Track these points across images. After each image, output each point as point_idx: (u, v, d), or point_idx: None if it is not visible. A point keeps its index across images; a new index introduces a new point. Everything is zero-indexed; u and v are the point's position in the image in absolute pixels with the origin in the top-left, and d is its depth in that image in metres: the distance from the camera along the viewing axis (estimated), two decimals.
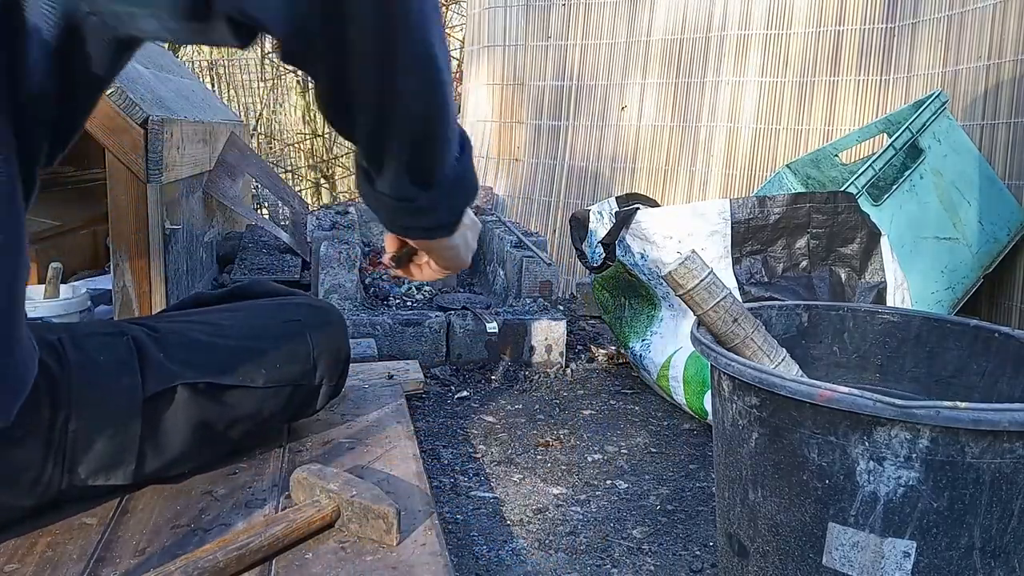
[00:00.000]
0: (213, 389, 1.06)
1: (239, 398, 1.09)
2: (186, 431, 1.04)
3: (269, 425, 1.18)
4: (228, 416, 1.09)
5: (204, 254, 2.78)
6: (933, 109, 1.83)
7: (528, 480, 1.45)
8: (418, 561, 0.96)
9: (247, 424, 1.12)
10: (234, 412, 1.09)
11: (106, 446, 0.98)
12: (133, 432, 1.00)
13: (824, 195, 1.65)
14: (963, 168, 1.89)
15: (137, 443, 1.00)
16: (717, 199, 1.67)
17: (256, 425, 1.14)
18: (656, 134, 2.96)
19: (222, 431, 1.09)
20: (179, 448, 1.05)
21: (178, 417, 1.03)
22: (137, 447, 1.01)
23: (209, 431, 1.07)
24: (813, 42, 2.61)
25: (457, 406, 1.83)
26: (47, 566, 0.94)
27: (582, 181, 3.17)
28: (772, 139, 2.70)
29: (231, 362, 1.08)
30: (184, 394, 1.03)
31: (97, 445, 0.97)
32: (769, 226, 1.65)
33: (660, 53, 2.95)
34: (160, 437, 1.03)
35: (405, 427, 1.41)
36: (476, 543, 1.21)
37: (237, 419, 1.10)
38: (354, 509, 1.01)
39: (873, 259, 1.63)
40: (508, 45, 3.36)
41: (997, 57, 2.06)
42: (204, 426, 1.06)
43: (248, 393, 1.10)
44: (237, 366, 1.09)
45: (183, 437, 1.04)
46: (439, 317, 2.06)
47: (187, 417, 1.04)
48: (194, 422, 1.05)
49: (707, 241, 1.65)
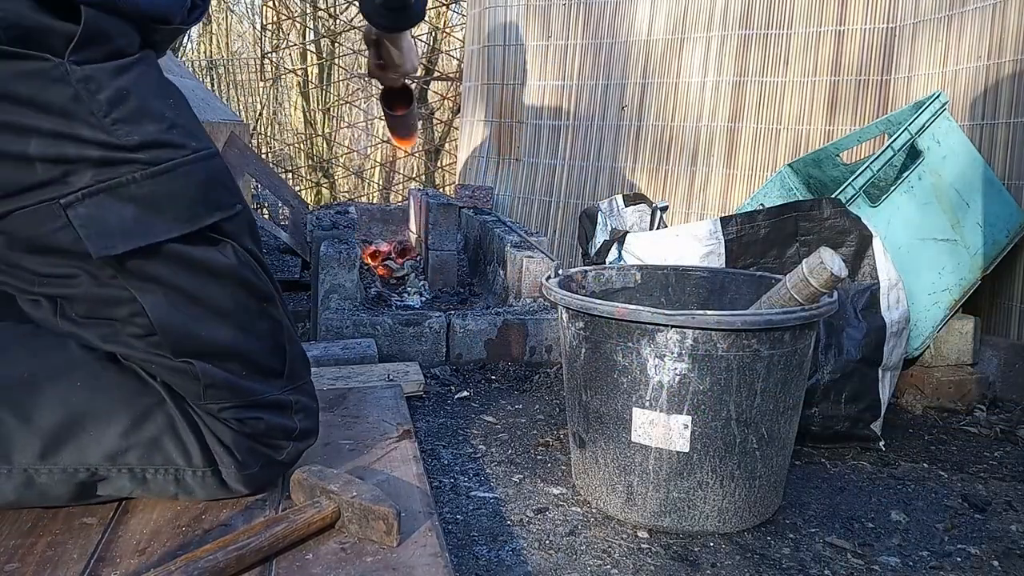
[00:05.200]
0: None
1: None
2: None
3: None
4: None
5: None
6: (933, 110, 1.83)
7: (528, 480, 1.45)
8: (418, 562, 0.96)
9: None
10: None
11: None
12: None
13: (809, 203, 1.67)
14: (962, 169, 1.89)
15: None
16: (706, 220, 1.70)
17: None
18: (656, 134, 2.96)
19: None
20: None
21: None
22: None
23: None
24: (814, 42, 2.61)
25: (457, 406, 1.83)
26: (47, 565, 0.94)
27: (582, 181, 3.17)
28: (773, 139, 2.70)
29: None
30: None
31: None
32: (760, 239, 1.67)
33: (660, 53, 2.95)
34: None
35: (405, 428, 1.41)
36: (476, 543, 1.22)
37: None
38: (354, 510, 1.02)
39: (865, 261, 1.64)
40: (508, 45, 3.36)
41: (997, 57, 2.06)
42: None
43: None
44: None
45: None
46: (439, 317, 2.07)
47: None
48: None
49: (704, 261, 1.67)
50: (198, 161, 1.00)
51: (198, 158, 1.00)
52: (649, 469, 1.25)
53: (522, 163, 3.36)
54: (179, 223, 0.99)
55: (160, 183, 0.97)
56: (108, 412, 1.04)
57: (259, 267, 1.08)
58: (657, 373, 1.22)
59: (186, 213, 0.99)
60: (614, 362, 1.25)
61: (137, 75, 0.97)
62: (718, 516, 1.26)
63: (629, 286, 1.58)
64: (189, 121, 1.03)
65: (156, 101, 0.98)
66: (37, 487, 1.04)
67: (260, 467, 1.10)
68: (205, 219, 1.01)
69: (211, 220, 1.01)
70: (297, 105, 6.97)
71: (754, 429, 1.23)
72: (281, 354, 1.11)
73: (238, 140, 2.97)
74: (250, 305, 1.07)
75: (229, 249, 1.04)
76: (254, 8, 8.06)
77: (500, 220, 2.85)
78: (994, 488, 1.48)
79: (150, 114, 0.97)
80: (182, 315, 1.01)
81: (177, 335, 1.01)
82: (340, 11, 6.49)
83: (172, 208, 0.98)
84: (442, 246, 2.68)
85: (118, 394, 1.05)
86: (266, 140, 7.02)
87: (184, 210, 0.99)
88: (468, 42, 3.76)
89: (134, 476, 1.06)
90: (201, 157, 1.01)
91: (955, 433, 1.76)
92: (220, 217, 1.03)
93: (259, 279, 1.08)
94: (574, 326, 1.32)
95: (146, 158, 0.96)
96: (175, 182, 0.98)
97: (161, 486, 1.07)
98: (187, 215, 0.99)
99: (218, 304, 1.04)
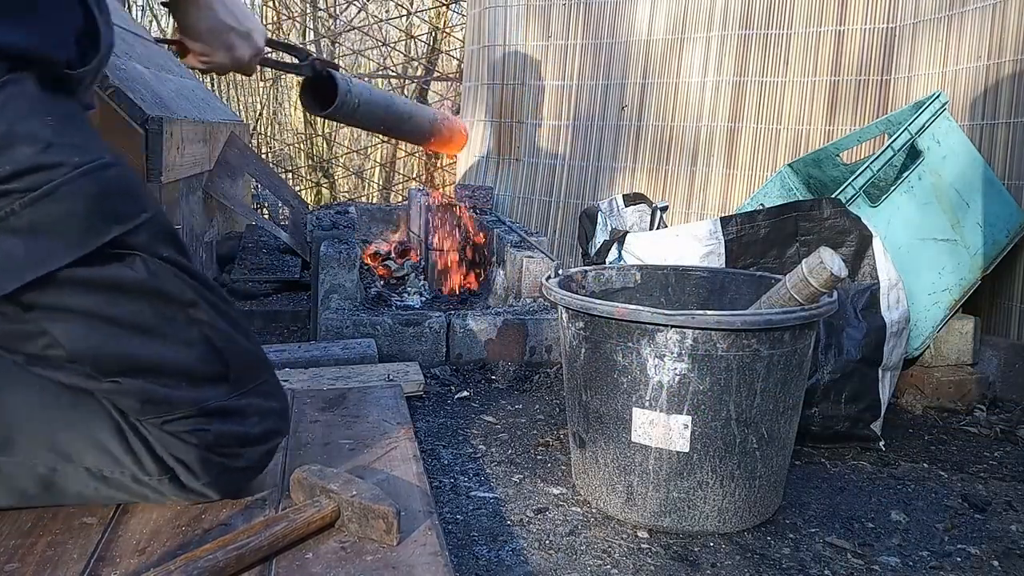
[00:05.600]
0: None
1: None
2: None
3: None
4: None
5: (204, 254, 2.78)
6: (933, 110, 1.83)
7: (528, 480, 1.45)
8: (418, 561, 0.96)
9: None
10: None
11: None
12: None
13: (809, 203, 1.67)
14: (962, 169, 1.89)
15: None
16: (706, 220, 1.70)
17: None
18: (656, 134, 2.96)
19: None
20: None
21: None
22: None
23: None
24: (813, 42, 2.61)
25: (457, 406, 1.83)
26: (47, 565, 0.94)
27: (582, 181, 3.17)
28: (773, 139, 2.70)
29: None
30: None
31: None
32: (760, 239, 1.67)
33: (660, 53, 2.95)
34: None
35: (405, 428, 1.41)
36: (476, 543, 1.22)
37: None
38: (354, 509, 1.02)
39: (865, 261, 1.64)
40: (508, 45, 3.36)
41: (997, 57, 2.06)
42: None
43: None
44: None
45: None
46: (439, 317, 2.07)
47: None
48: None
49: (704, 261, 1.67)
50: (85, 176, 0.94)
51: (83, 173, 0.94)
52: (649, 469, 1.25)
53: (522, 163, 3.36)
54: (71, 247, 0.93)
55: (41, 209, 0.91)
56: (57, 421, 1.03)
57: (180, 273, 1.03)
58: (657, 373, 1.22)
59: (77, 235, 0.94)
60: (614, 362, 1.25)
61: (4, 100, 0.91)
62: (718, 516, 1.26)
63: (629, 286, 1.58)
64: (75, 136, 0.96)
65: (29, 122, 0.92)
66: (4, 477, 1.04)
67: (217, 475, 1.07)
68: (102, 236, 0.95)
69: (109, 236, 0.96)
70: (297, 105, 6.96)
71: (754, 429, 1.24)
72: (218, 359, 1.05)
73: (238, 140, 2.98)
74: (172, 315, 1.02)
75: (138, 262, 0.99)
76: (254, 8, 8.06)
77: (500, 220, 2.85)
78: (994, 488, 1.48)
79: (21, 138, 0.91)
80: (98, 338, 0.98)
81: (96, 359, 0.98)
82: (340, 11, 6.49)
83: (61, 233, 0.93)
84: (442, 246, 2.68)
85: (65, 407, 1.03)
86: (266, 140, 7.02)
87: (75, 232, 0.94)
88: (468, 42, 3.76)
89: (93, 475, 1.05)
90: (87, 171, 0.94)
91: (955, 433, 1.76)
92: (120, 231, 0.96)
93: (177, 287, 1.02)
94: (574, 326, 1.32)
95: (22, 186, 0.90)
96: (58, 205, 0.92)
97: (122, 486, 1.06)
98: (79, 237, 0.94)
99: (135, 321, 0.99)
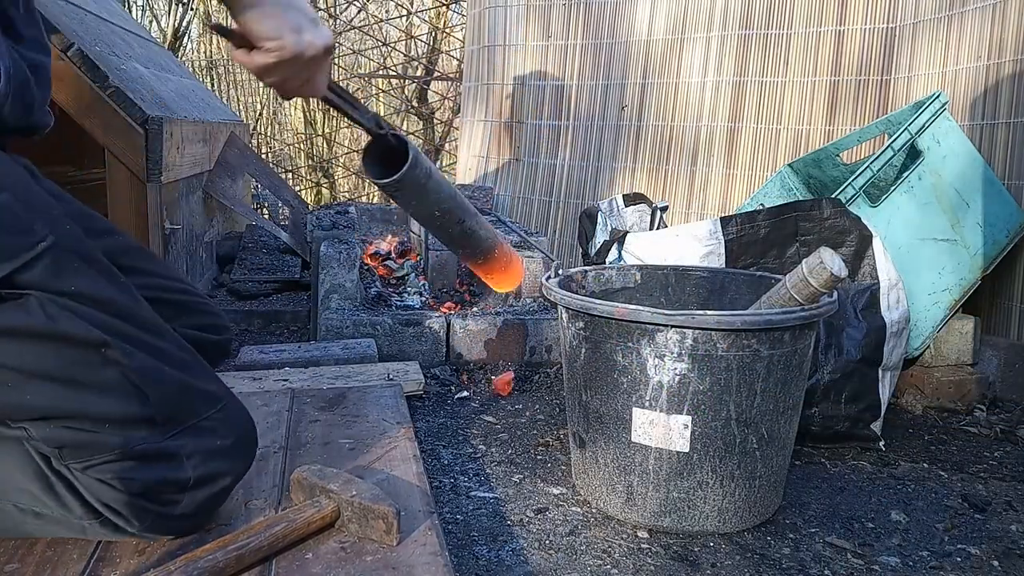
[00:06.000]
0: None
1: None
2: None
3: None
4: None
5: (204, 254, 2.78)
6: (933, 110, 1.83)
7: (528, 480, 1.45)
8: (418, 561, 0.97)
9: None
10: None
11: None
12: None
13: (809, 203, 1.67)
14: (962, 169, 1.89)
15: None
16: (706, 220, 1.70)
17: None
18: (656, 134, 2.96)
19: None
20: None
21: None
22: None
23: None
24: (813, 42, 2.61)
25: (457, 406, 1.83)
26: (47, 565, 0.95)
27: (582, 181, 3.17)
28: (773, 139, 2.70)
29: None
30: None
31: None
32: (760, 239, 1.67)
33: (660, 53, 2.95)
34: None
35: (405, 428, 1.41)
36: (476, 543, 1.22)
37: None
38: (354, 509, 1.02)
39: (865, 261, 1.64)
40: (508, 45, 3.36)
41: (997, 57, 2.06)
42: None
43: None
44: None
45: None
46: (439, 317, 2.07)
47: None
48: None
49: (704, 261, 1.67)
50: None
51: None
52: (649, 469, 1.25)
53: (522, 163, 3.36)
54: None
55: None
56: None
57: (88, 309, 0.93)
58: (657, 373, 1.22)
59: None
60: (614, 362, 1.25)
61: None
62: (718, 516, 1.26)
63: (629, 286, 1.58)
64: None
65: None
66: None
67: (153, 522, 0.98)
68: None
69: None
70: (297, 105, 6.96)
71: (754, 429, 1.24)
72: (141, 400, 0.95)
73: (238, 140, 2.98)
74: (80, 359, 0.92)
75: (33, 304, 0.89)
76: None
77: (500, 220, 2.85)
78: (994, 488, 1.48)
79: None
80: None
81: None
82: (340, 11, 6.49)
83: None
84: (442, 246, 2.67)
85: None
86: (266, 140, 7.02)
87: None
88: (468, 42, 3.76)
89: (24, 511, 0.98)
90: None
91: (955, 433, 1.76)
92: (8, 270, 0.87)
93: (82, 329, 0.92)
94: (574, 326, 1.32)
95: None
96: None
97: (57, 523, 0.99)
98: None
99: (36, 368, 0.91)
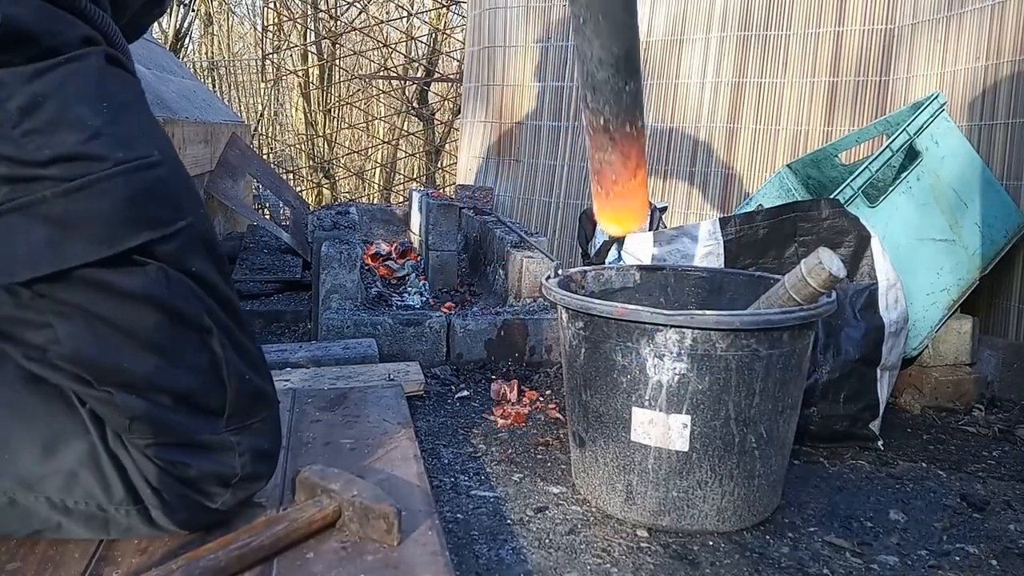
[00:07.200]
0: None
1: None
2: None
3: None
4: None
5: None
6: (931, 111, 1.84)
7: (528, 479, 1.45)
8: (419, 560, 0.97)
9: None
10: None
11: None
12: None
13: (807, 203, 1.67)
14: (961, 170, 1.90)
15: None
16: (705, 220, 1.70)
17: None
18: (656, 134, 2.97)
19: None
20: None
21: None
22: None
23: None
24: (812, 43, 2.62)
25: (458, 406, 1.83)
26: (49, 565, 0.95)
27: (582, 181, 3.18)
28: (772, 140, 2.71)
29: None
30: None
31: None
32: (758, 239, 1.67)
33: (660, 53, 2.95)
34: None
35: (406, 427, 1.42)
36: (476, 542, 1.22)
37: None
38: (355, 509, 1.02)
39: (863, 261, 1.64)
40: (508, 46, 3.37)
41: (995, 58, 2.07)
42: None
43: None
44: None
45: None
46: (440, 317, 2.07)
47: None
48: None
49: (703, 262, 1.68)
50: (124, 174, 0.89)
51: (124, 171, 0.89)
52: (648, 468, 1.26)
53: (522, 163, 3.37)
54: (95, 246, 0.88)
55: (73, 202, 0.86)
56: (21, 438, 0.96)
57: (204, 292, 0.96)
58: (656, 373, 1.22)
59: (104, 235, 0.88)
60: (614, 362, 1.26)
61: (62, 78, 0.87)
62: (717, 515, 1.26)
63: (628, 286, 1.59)
64: (127, 128, 0.92)
65: (82, 107, 0.88)
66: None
67: (189, 513, 1.00)
68: (128, 241, 0.90)
69: (136, 242, 0.90)
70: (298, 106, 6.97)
71: (753, 428, 1.24)
72: (220, 392, 0.98)
73: (239, 141, 2.98)
74: (183, 335, 0.95)
75: (160, 274, 0.92)
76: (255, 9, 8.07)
77: (500, 220, 2.85)
78: (992, 487, 1.49)
79: (69, 123, 0.86)
80: (100, 344, 0.92)
81: (94, 364, 0.92)
82: (341, 12, 6.49)
83: (88, 229, 0.87)
84: (442, 246, 2.68)
85: (35, 420, 0.97)
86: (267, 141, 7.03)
87: (102, 231, 0.88)
88: (468, 43, 3.76)
89: (54, 505, 0.98)
90: (128, 169, 0.89)
91: (953, 433, 1.76)
92: (150, 237, 0.91)
93: (195, 309, 0.95)
94: (574, 326, 1.32)
95: (59, 173, 0.85)
96: (91, 201, 0.87)
97: (85, 519, 0.99)
98: (105, 237, 0.88)
99: (143, 334, 0.93)
